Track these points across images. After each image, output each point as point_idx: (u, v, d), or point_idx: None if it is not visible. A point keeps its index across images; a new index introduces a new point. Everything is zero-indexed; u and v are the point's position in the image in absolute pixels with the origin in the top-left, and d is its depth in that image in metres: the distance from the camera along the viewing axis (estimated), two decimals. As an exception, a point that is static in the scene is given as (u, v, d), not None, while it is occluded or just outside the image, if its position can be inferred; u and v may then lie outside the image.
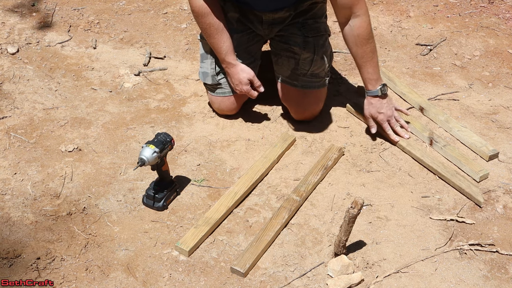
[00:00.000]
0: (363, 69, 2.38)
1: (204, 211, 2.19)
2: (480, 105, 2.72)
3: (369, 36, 2.32)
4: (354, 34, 2.31)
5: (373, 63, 2.37)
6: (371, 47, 2.34)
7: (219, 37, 2.37)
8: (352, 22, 2.29)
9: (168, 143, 2.13)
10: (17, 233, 2.08)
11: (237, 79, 2.42)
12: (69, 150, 2.41)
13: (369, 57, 2.35)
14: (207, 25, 2.35)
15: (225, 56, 2.39)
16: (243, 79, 2.41)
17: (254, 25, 2.48)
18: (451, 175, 2.31)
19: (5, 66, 2.83)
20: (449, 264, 2.02)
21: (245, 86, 2.42)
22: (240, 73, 2.41)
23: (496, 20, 3.32)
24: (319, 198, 2.26)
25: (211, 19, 2.34)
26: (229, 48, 2.39)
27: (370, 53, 2.34)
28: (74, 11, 3.27)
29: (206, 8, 2.32)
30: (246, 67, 2.42)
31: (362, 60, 2.36)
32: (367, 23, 2.30)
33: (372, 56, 2.36)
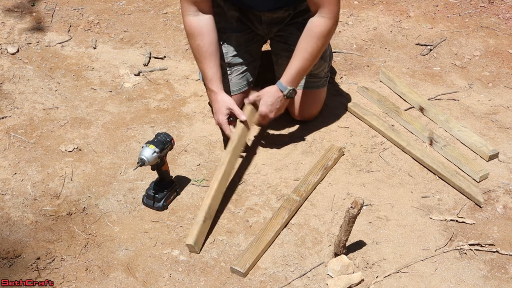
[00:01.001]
0: (296, 62, 2.24)
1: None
2: (480, 105, 2.72)
3: (322, 37, 2.20)
4: (310, 27, 2.21)
5: (307, 64, 2.25)
6: (317, 46, 2.21)
7: (206, 62, 2.31)
8: (315, 19, 2.21)
9: (168, 143, 2.13)
10: (17, 233, 2.08)
11: (216, 107, 2.34)
12: (69, 150, 2.41)
13: (309, 54, 2.21)
14: (196, 47, 2.31)
15: (209, 83, 2.33)
16: (222, 108, 2.31)
17: (253, 24, 2.48)
18: (451, 175, 2.31)
19: (5, 66, 2.83)
20: (449, 264, 2.02)
21: (221, 116, 2.31)
22: (220, 102, 2.32)
23: (496, 20, 3.32)
24: (319, 198, 2.26)
25: (200, 41, 2.28)
26: (214, 75, 2.32)
27: (313, 51, 2.21)
28: (74, 11, 3.27)
29: (197, 28, 2.27)
30: (227, 97, 2.34)
31: (301, 54, 2.22)
32: (327, 27, 2.19)
33: (311, 57, 2.23)
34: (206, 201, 2.09)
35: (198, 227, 2.03)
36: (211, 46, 2.31)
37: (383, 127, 2.54)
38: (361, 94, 2.76)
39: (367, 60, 3.00)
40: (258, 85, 2.67)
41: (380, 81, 2.85)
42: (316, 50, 2.22)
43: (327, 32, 2.21)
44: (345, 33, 3.18)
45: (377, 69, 2.92)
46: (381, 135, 2.54)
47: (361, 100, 2.72)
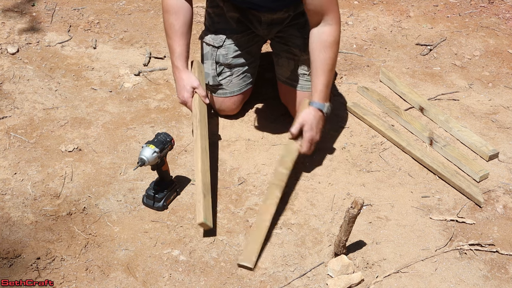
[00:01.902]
0: (321, 77, 2.22)
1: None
2: (480, 105, 2.72)
3: (335, 44, 2.21)
4: (321, 38, 2.20)
5: (331, 75, 2.24)
6: (334, 55, 2.22)
7: (177, 39, 2.31)
8: (322, 29, 2.20)
9: (168, 143, 2.13)
10: (17, 233, 2.08)
11: (180, 84, 2.33)
12: (69, 150, 2.41)
13: (330, 65, 2.21)
14: (169, 24, 2.30)
15: (176, 59, 2.32)
16: (187, 86, 2.31)
17: (253, 25, 2.48)
18: (451, 175, 2.31)
19: (5, 66, 2.83)
20: (449, 264, 2.02)
21: (186, 93, 2.31)
22: (185, 80, 2.32)
23: (496, 20, 3.32)
24: (319, 198, 2.26)
25: (174, 20, 2.29)
26: (182, 53, 2.32)
27: (331, 61, 2.21)
28: (74, 11, 3.27)
29: (174, 7, 2.28)
30: (193, 76, 2.34)
31: (323, 67, 2.21)
32: (337, 33, 2.21)
33: (332, 67, 2.23)
34: (197, 180, 2.10)
35: (202, 204, 2.03)
36: (184, 26, 2.31)
37: (383, 127, 2.54)
38: (361, 94, 2.76)
39: (367, 60, 3.00)
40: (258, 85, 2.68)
41: (380, 81, 2.85)
42: (334, 58, 2.22)
43: (338, 37, 2.22)
44: (345, 33, 3.18)
45: (377, 69, 2.93)
46: (381, 135, 2.54)
47: (361, 100, 2.72)
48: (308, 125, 2.21)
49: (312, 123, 2.22)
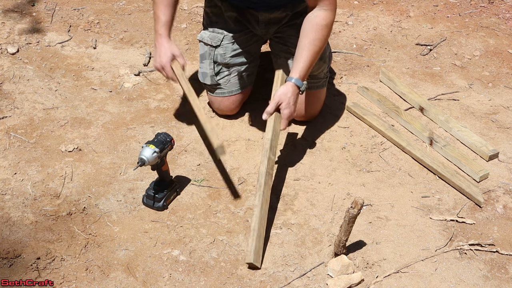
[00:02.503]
0: (304, 55, 2.20)
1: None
2: (480, 105, 2.72)
3: (327, 28, 2.19)
4: (314, 21, 2.20)
5: (315, 56, 2.22)
6: (323, 38, 2.20)
7: (163, 8, 2.32)
8: (317, 13, 2.20)
9: (168, 143, 2.13)
10: (17, 233, 2.08)
11: (161, 50, 2.33)
12: (69, 150, 2.41)
13: (316, 46, 2.19)
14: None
15: (160, 26, 2.33)
16: (167, 52, 2.31)
17: (251, 24, 2.48)
18: (451, 175, 2.31)
19: (5, 66, 2.83)
20: (449, 264, 2.02)
21: (165, 59, 2.30)
22: (165, 46, 2.32)
23: (496, 20, 3.32)
24: (319, 198, 2.26)
25: None
26: (168, 23, 2.33)
27: (319, 43, 2.19)
28: (74, 11, 3.27)
29: None
30: (174, 45, 2.35)
31: (309, 46, 2.19)
32: (331, 18, 2.20)
33: (318, 48, 2.21)
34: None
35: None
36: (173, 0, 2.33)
37: (383, 127, 2.54)
38: (361, 94, 2.76)
39: (367, 60, 3.00)
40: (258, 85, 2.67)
41: (380, 81, 2.85)
42: (322, 41, 2.21)
43: (330, 23, 2.21)
44: (345, 33, 3.18)
45: (377, 69, 2.93)
46: (381, 135, 2.54)
47: (361, 100, 2.72)
48: (285, 102, 2.20)
49: (289, 100, 2.20)
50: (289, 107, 2.20)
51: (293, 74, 2.22)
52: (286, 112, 2.20)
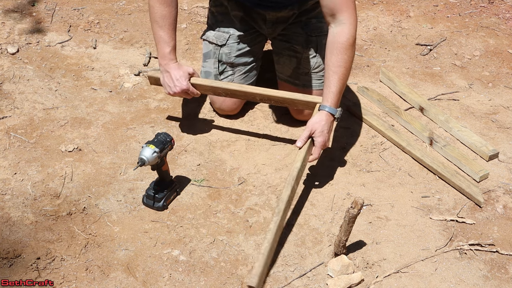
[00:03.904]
0: (333, 81, 2.11)
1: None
2: (480, 105, 2.72)
3: (349, 46, 2.10)
4: (333, 40, 2.12)
5: (343, 80, 2.13)
6: (347, 57, 2.11)
7: (170, 31, 2.28)
8: (335, 30, 2.12)
9: (168, 143, 2.13)
10: (17, 233, 2.08)
11: (179, 74, 2.30)
12: (69, 150, 2.41)
13: (342, 67, 2.10)
14: (161, 15, 2.26)
15: (170, 52, 2.30)
16: (185, 74, 2.30)
17: (257, 24, 2.47)
18: (451, 175, 2.31)
19: (5, 66, 2.83)
20: (449, 264, 2.02)
21: (186, 81, 2.30)
22: (183, 69, 2.31)
23: (496, 20, 3.32)
24: (319, 198, 2.26)
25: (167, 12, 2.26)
26: (175, 47, 2.32)
27: (344, 64, 2.11)
28: (74, 11, 3.27)
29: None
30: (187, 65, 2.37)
31: (334, 69, 2.10)
32: (350, 33, 2.10)
33: (344, 70, 2.12)
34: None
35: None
36: (175, 21, 2.31)
37: (383, 127, 2.54)
38: (361, 94, 2.76)
39: (367, 60, 3.00)
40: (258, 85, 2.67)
41: (380, 81, 2.85)
42: (348, 62, 2.12)
43: (353, 41, 2.11)
44: (345, 33, 3.18)
45: (377, 69, 2.93)
46: (381, 135, 2.54)
47: (361, 100, 2.72)
48: (318, 130, 2.13)
49: (323, 128, 2.13)
50: (323, 135, 2.13)
51: (325, 102, 2.14)
52: (320, 140, 2.13)
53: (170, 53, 2.30)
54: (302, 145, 2.13)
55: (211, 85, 2.36)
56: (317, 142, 2.14)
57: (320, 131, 2.13)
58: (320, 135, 2.13)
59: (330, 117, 2.15)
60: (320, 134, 2.13)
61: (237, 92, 2.36)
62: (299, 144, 2.13)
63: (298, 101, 2.30)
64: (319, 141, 2.13)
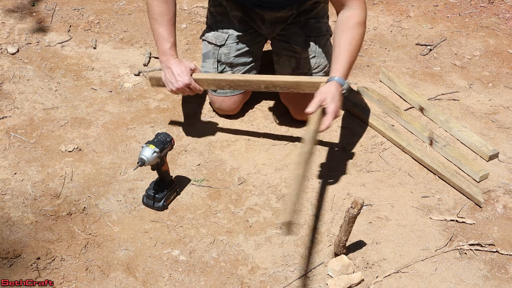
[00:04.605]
0: (343, 54, 2.10)
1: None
2: (480, 105, 2.72)
3: (360, 25, 2.13)
4: (344, 21, 2.15)
5: (353, 54, 2.12)
6: (358, 36, 2.12)
7: (169, 27, 2.24)
8: (345, 13, 2.16)
9: (168, 143, 2.13)
10: (17, 233, 2.08)
11: (180, 69, 2.24)
12: (69, 150, 2.41)
13: (353, 45, 2.11)
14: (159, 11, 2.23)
15: (170, 47, 2.25)
16: (187, 69, 2.24)
17: (256, 24, 2.47)
18: (451, 175, 2.31)
19: (5, 66, 2.83)
20: (449, 264, 2.02)
21: (189, 77, 2.24)
22: (185, 64, 2.25)
23: (496, 20, 3.32)
24: (319, 198, 2.26)
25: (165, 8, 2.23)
26: (175, 43, 2.27)
27: (355, 41, 2.11)
28: (74, 11, 3.27)
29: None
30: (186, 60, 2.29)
31: (345, 46, 2.10)
32: (362, 16, 2.14)
33: (355, 47, 2.12)
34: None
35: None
36: (174, 17, 2.27)
37: (383, 127, 2.54)
38: (361, 94, 2.76)
39: (367, 60, 3.00)
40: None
41: (380, 81, 2.85)
42: (358, 40, 2.13)
43: (363, 20, 2.15)
44: (345, 33, 3.18)
45: (377, 69, 2.93)
46: (381, 135, 2.54)
47: (361, 100, 2.72)
48: (329, 97, 2.02)
49: (334, 95, 2.02)
50: (334, 101, 2.02)
51: (334, 74, 2.09)
52: (332, 106, 2.01)
53: (170, 49, 2.26)
54: (313, 110, 2.02)
55: (214, 78, 2.32)
56: (329, 108, 2.01)
57: (331, 97, 2.02)
58: (332, 101, 2.01)
59: (339, 87, 2.06)
60: (331, 100, 2.01)
61: (240, 83, 2.30)
62: (310, 109, 2.02)
63: (304, 83, 2.22)
64: (331, 107, 2.01)
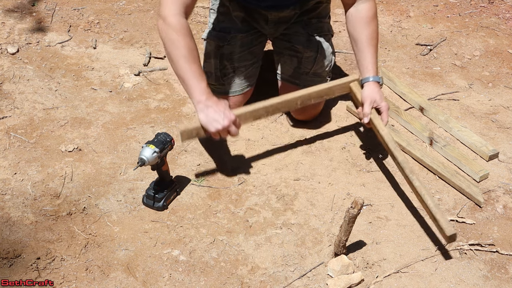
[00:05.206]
0: (370, 51, 2.28)
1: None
2: (480, 105, 2.72)
3: (375, 18, 2.30)
4: (361, 15, 2.29)
5: (377, 48, 2.32)
6: (376, 28, 2.31)
7: (200, 64, 2.10)
8: (360, 6, 2.29)
9: (168, 143, 2.13)
10: (17, 233, 2.08)
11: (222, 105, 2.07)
12: (69, 150, 2.41)
13: (375, 39, 2.29)
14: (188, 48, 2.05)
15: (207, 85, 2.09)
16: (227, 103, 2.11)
17: (259, 24, 2.47)
18: (451, 175, 2.31)
19: (5, 66, 2.83)
20: (449, 264, 2.02)
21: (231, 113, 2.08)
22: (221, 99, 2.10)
23: (496, 20, 3.32)
24: (319, 198, 2.26)
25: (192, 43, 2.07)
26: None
27: (376, 35, 2.30)
28: (74, 11, 3.28)
29: (186, 27, 2.06)
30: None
31: (369, 42, 2.28)
32: (375, 7, 2.31)
33: (377, 40, 2.31)
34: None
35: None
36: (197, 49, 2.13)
37: (383, 127, 2.53)
38: (361, 94, 2.76)
39: (367, 60, 3.00)
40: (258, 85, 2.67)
41: (380, 81, 2.85)
42: (377, 31, 2.31)
43: (376, 12, 2.31)
44: (345, 33, 3.18)
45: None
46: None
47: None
48: (378, 97, 2.24)
49: (380, 94, 2.25)
50: (383, 99, 2.25)
51: (367, 73, 2.27)
52: (384, 104, 2.24)
53: (207, 86, 2.08)
54: (369, 113, 2.23)
55: (253, 109, 2.15)
56: (383, 107, 2.23)
57: (379, 97, 2.24)
58: (381, 100, 2.24)
59: (378, 84, 2.27)
60: (380, 99, 2.24)
61: (279, 106, 2.23)
62: (367, 120, 2.24)
63: (336, 86, 2.35)
64: (383, 105, 2.23)
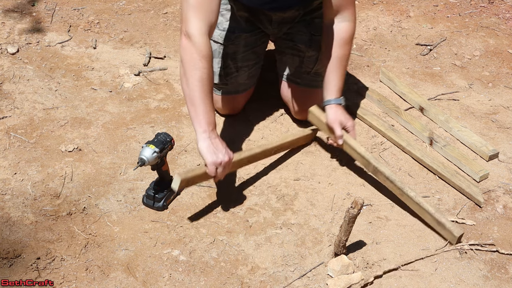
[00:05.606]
0: (336, 74, 2.29)
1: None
2: (480, 105, 2.72)
3: (351, 41, 2.30)
4: (339, 35, 2.27)
5: (344, 70, 2.32)
6: (349, 52, 2.30)
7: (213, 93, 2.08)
8: (340, 25, 2.27)
9: (168, 143, 2.13)
10: (17, 233, 2.08)
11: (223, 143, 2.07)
12: (69, 150, 2.41)
13: (345, 61, 2.30)
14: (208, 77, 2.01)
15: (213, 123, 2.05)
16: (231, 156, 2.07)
17: (263, 24, 2.47)
18: (451, 175, 2.31)
19: (5, 66, 2.83)
20: (449, 264, 2.02)
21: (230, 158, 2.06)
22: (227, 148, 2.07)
23: (496, 20, 3.32)
24: (319, 198, 2.26)
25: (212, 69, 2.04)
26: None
27: (346, 58, 2.30)
28: (74, 11, 3.27)
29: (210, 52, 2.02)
30: None
31: (339, 64, 2.28)
32: (353, 30, 2.29)
33: (346, 63, 2.32)
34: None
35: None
36: None
37: (383, 127, 2.54)
38: (361, 94, 2.76)
39: (367, 60, 3.00)
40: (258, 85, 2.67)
41: (380, 81, 2.85)
42: (348, 55, 2.32)
43: (353, 35, 2.31)
44: (345, 33, 3.18)
45: (377, 69, 2.93)
46: (381, 135, 2.54)
47: (361, 100, 2.72)
48: (343, 118, 2.29)
49: (345, 115, 2.30)
50: (347, 118, 2.30)
51: (329, 96, 2.31)
52: (349, 123, 2.30)
53: (212, 124, 2.05)
54: (341, 135, 2.29)
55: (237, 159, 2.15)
56: (350, 126, 2.30)
57: (345, 118, 2.30)
58: (346, 120, 2.30)
59: (340, 106, 2.31)
60: (346, 120, 2.30)
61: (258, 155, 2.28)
62: (341, 142, 2.29)
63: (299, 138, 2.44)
64: (349, 124, 2.30)
